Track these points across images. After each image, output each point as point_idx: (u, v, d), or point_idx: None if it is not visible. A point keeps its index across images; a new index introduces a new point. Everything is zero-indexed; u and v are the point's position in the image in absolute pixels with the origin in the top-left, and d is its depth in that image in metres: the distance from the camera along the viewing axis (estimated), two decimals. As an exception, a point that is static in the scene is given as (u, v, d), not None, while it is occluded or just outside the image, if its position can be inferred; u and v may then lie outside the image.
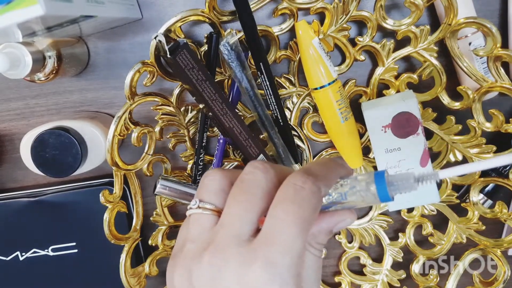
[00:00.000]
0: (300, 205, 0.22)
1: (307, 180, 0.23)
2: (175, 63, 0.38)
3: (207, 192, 0.25)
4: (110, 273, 0.50)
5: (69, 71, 0.44)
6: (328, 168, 0.25)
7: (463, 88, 0.42)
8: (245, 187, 0.24)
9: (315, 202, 0.23)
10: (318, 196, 0.23)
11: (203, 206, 0.24)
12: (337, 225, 0.26)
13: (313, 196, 0.23)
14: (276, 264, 0.21)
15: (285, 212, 0.22)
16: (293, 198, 0.22)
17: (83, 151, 0.42)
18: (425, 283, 0.48)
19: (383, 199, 0.24)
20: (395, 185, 0.24)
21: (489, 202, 0.46)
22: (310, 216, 0.22)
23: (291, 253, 0.22)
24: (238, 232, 0.23)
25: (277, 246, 0.22)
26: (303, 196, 0.22)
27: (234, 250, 0.22)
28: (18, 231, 0.51)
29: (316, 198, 0.23)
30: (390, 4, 0.44)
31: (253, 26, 0.40)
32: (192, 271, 0.23)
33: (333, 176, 0.25)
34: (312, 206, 0.23)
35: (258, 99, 0.43)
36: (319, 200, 0.23)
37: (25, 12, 0.27)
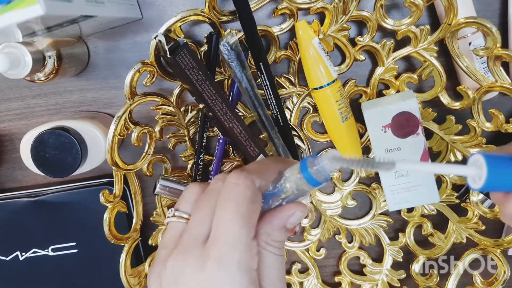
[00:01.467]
0: (236, 201, 0.24)
1: (239, 176, 0.24)
2: (175, 63, 0.38)
3: (183, 202, 0.27)
4: (110, 273, 0.50)
5: (69, 71, 0.44)
6: (263, 163, 0.27)
7: (463, 88, 0.42)
8: (206, 196, 0.26)
9: (250, 194, 0.24)
10: (252, 188, 0.24)
11: (178, 215, 0.27)
12: (289, 220, 0.26)
13: (247, 188, 0.24)
14: (225, 261, 0.23)
15: (224, 211, 0.24)
16: (228, 195, 0.24)
17: (83, 151, 0.42)
18: (425, 283, 0.48)
19: (313, 183, 0.25)
20: (317, 168, 0.24)
21: (489, 202, 0.46)
22: (248, 208, 0.24)
23: (237, 248, 0.23)
24: (195, 235, 0.24)
25: (223, 244, 0.23)
26: (237, 191, 0.24)
27: (192, 252, 0.24)
28: (18, 231, 0.51)
29: (250, 190, 0.24)
30: (390, 4, 0.44)
31: (253, 26, 0.40)
32: (161, 274, 0.25)
33: (268, 170, 0.26)
34: (247, 199, 0.24)
35: (258, 99, 0.43)
36: (254, 191, 0.24)
37: (25, 12, 0.27)
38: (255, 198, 0.24)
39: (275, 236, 0.26)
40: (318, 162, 0.24)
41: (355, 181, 0.48)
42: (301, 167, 0.25)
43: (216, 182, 0.26)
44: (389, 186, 0.44)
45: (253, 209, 0.24)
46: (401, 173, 0.43)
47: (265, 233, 0.26)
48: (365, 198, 0.50)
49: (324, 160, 0.24)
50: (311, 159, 0.25)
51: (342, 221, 0.49)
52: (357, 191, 0.49)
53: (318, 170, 0.24)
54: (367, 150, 0.47)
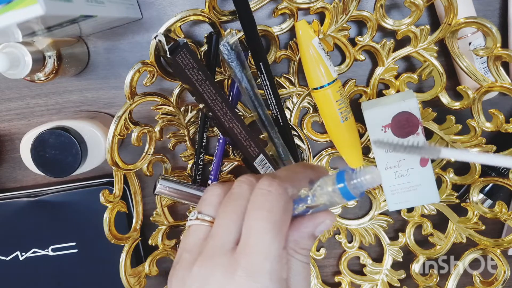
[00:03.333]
0: (268, 209, 0.23)
1: (272, 183, 0.24)
2: (175, 63, 0.38)
3: (206, 205, 0.27)
4: (110, 273, 0.50)
5: (69, 71, 0.44)
6: (293, 171, 0.26)
7: (463, 88, 0.42)
8: (232, 200, 0.25)
9: (283, 203, 0.23)
10: (285, 197, 0.24)
11: (201, 218, 0.26)
12: (317, 228, 0.26)
13: (280, 197, 0.23)
14: (256, 272, 0.22)
15: (256, 219, 0.23)
16: (261, 203, 0.23)
17: (83, 151, 0.42)
18: (425, 283, 0.48)
19: (347, 197, 0.24)
20: (355, 183, 0.24)
21: (489, 202, 0.46)
22: (281, 218, 0.23)
23: (269, 258, 0.22)
24: (223, 242, 0.24)
25: (254, 254, 0.22)
26: (270, 199, 0.23)
27: (219, 260, 0.23)
28: (18, 231, 0.51)
29: (283, 199, 0.24)
30: (390, 4, 0.44)
31: (253, 26, 0.40)
32: (185, 280, 0.24)
33: (299, 177, 0.26)
34: (281, 208, 0.23)
35: (258, 99, 0.43)
36: (287, 200, 0.24)
37: (25, 12, 0.27)
38: (288, 207, 0.24)
39: (304, 244, 0.26)
40: (356, 176, 0.24)
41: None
42: (337, 179, 0.24)
43: (240, 186, 0.25)
44: (389, 186, 0.44)
45: (285, 218, 0.24)
46: (401, 173, 0.43)
47: (294, 240, 0.25)
48: (365, 198, 0.50)
49: (363, 175, 0.23)
50: (349, 172, 0.24)
51: (342, 221, 0.49)
52: (357, 191, 0.49)
53: (355, 184, 0.24)
54: (367, 150, 0.47)
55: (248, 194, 0.25)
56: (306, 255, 0.26)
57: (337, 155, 0.47)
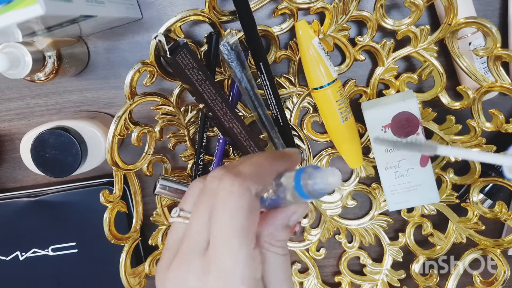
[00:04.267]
0: (232, 212, 0.22)
1: (234, 183, 0.23)
2: (175, 63, 0.38)
3: (187, 201, 0.26)
4: (110, 273, 0.50)
5: (69, 71, 0.44)
6: (259, 165, 0.25)
7: (463, 88, 0.42)
8: (204, 198, 0.24)
9: (247, 204, 0.23)
10: (248, 197, 0.23)
11: (182, 215, 0.26)
12: (290, 218, 0.26)
13: (243, 198, 0.23)
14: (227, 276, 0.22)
15: (221, 223, 0.23)
16: (224, 206, 0.23)
17: (83, 151, 0.42)
18: (425, 283, 0.48)
19: (304, 197, 0.23)
20: (311, 184, 0.23)
21: (489, 202, 0.46)
22: (246, 219, 0.23)
23: (239, 262, 0.22)
24: (194, 244, 0.24)
25: (224, 259, 0.22)
26: (232, 201, 0.23)
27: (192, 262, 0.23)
28: (18, 231, 0.51)
29: (247, 199, 0.23)
30: (390, 4, 0.44)
31: (253, 26, 0.40)
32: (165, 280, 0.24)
33: (264, 172, 0.25)
34: (244, 209, 0.22)
35: (258, 99, 0.43)
36: (251, 200, 0.23)
37: (25, 12, 0.27)
38: (253, 207, 0.23)
39: (279, 236, 0.25)
40: (312, 178, 0.23)
41: (355, 181, 0.48)
42: (295, 178, 0.24)
43: (212, 181, 0.24)
44: (389, 186, 0.44)
45: (251, 218, 0.23)
46: (401, 173, 0.43)
47: (268, 234, 0.25)
48: (365, 198, 0.50)
49: (319, 177, 0.23)
50: (308, 172, 0.23)
51: (342, 221, 0.49)
52: (357, 191, 0.49)
53: (311, 186, 0.23)
54: (367, 150, 0.47)
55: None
56: (282, 247, 0.25)
57: (337, 155, 0.47)
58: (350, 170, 0.49)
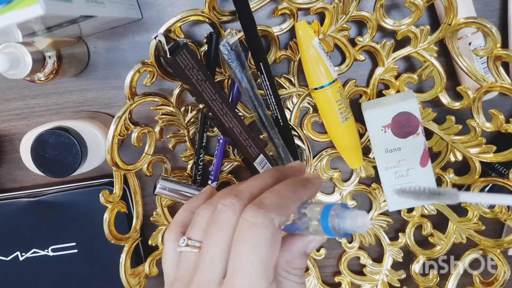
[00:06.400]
0: (254, 244, 0.22)
1: (257, 214, 0.22)
2: (175, 63, 0.38)
3: (196, 229, 0.26)
4: (110, 273, 0.50)
5: (69, 71, 0.44)
6: (282, 195, 0.24)
7: (463, 88, 0.42)
8: (217, 228, 0.24)
9: (270, 236, 0.22)
10: (271, 229, 0.22)
11: (191, 244, 0.25)
12: (308, 245, 0.25)
13: (266, 230, 0.22)
14: None
15: (241, 255, 0.22)
16: (246, 238, 0.22)
17: (83, 151, 0.42)
18: (425, 283, 0.48)
19: (329, 234, 0.23)
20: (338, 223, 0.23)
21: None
22: (267, 253, 0.22)
23: None
24: (209, 276, 0.23)
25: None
26: (255, 234, 0.22)
27: None
28: (18, 231, 0.51)
29: (270, 231, 0.22)
30: (390, 4, 0.44)
31: (253, 26, 0.40)
32: None
33: (289, 202, 0.24)
34: (267, 242, 0.22)
35: (258, 99, 0.43)
36: (274, 232, 0.22)
37: (25, 12, 0.27)
38: (275, 240, 0.22)
39: (296, 264, 0.25)
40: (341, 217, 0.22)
41: (355, 181, 0.48)
42: (322, 214, 0.23)
43: (224, 211, 0.24)
44: (389, 186, 0.44)
45: (273, 252, 0.22)
46: (401, 173, 0.43)
47: (285, 262, 0.25)
48: (365, 198, 0.50)
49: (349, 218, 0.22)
50: (337, 209, 0.23)
51: (342, 221, 0.49)
52: (357, 191, 0.49)
53: (338, 225, 0.23)
54: (367, 150, 0.47)
55: (233, 221, 0.24)
56: (299, 275, 0.25)
57: (337, 156, 0.47)
58: (350, 170, 0.49)
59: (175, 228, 0.27)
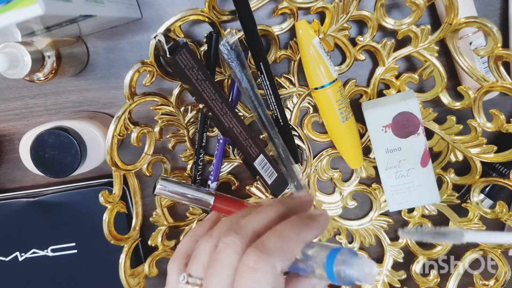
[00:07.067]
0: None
1: (259, 260, 0.22)
2: (174, 62, 0.38)
3: (196, 265, 0.25)
4: (109, 274, 0.50)
5: (68, 71, 0.44)
6: (285, 237, 0.23)
7: (463, 88, 0.42)
8: (219, 269, 0.23)
9: (271, 282, 0.22)
10: (274, 275, 0.22)
11: (191, 282, 0.25)
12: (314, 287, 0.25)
13: (268, 276, 0.22)
14: None
15: None
16: (247, 283, 0.22)
17: (83, 151, 0.42)
18: (425, 283, 0.48)
19: (332, 279, 0.22)
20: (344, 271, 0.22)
21: (489, 202, 0.46)
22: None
23: None
24: None
25: None
26: (257, 280, 0.22)
27: None
28: (17, 231, 0.51)
29: (272, 277, 0.22)
30: (391, 3, 0.44)
31: (253, 26, 0.40)
32: None
33: (293, 246, 0.23)
34: (270, 286, 0.22)
35: (258, 99, 0.43)
36: (276, 278, 0.22)
37: (24, 12, 0.27)
38: (277, 286, 0.22)
39: None
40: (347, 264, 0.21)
41: (356, 182, 0.48)
42: (327, 260, 0.22)
43: (225, 249, 0.23)
44: (389, 186, 0.44)
45: None
46: (402, 174, 0.43)
47: None
48: (366, 198, 0.50)
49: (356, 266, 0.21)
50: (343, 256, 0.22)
51: (342, 222, 0.49)
52: (358, 191, 0.49)
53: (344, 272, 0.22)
54: (367, 150, 0.47)
55: (234, 261, 0.23)
56: None
57: (337, 155, 0.47)
58: (351, 170, 0.49)
59: (178, 259, 0.27)
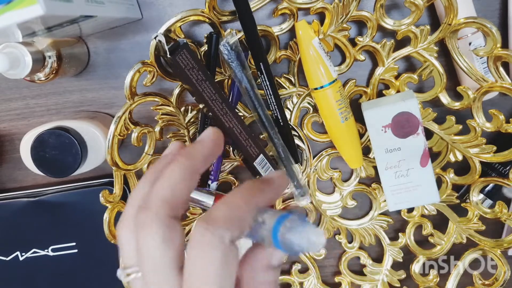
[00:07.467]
0: (203, 269, 0.20)
1: (205, 232, 0.20)
2: (175, 63, 0.38)
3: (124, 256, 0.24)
4: (110, 273, 0.50)
5: (69, 71, 0.44)
6: (234, 205, 0.22)
7: (463, 88, 0.42)
8: (143, 246, 0.22)
9: (219, 256, 0.20)
10: (221, 248, 0.20)
11: (129, 272, 0.24)
12: (272, 258, 0.23)
13: (215, 250, 0.20)
14: None
15: (192, 277, 0.21)
16: (195, 261, 0.21)
17: (83, 151, 0.42)
18: (425, 283, 0.48)
19: (278, 247, 0.21)
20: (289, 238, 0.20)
21: (489, 202, 0.46)
22: (220, 275, 0.20)
23: None
24: None
25: None
26: (204, 255, 0.20)
27: None
28: (18, 231, 0.51)
29: (220, 251, 0.20)
30: (390, 4, 0.44)
31: (253, 26, 0.40)
32: None
33: (242, 212, 0.22)
34: (217, 263, 0.20)
35: (258, 99, 0.43)
36: (225, 251, 0.20)
37: (25, 12, 0.27)
38: (227, 259, 0.20)
39: (262, 278, 0.23)
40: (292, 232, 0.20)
41: (355, 181, 0.48)
42: (274, 225, 0.21)
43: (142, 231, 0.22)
44: (389, 186, 0.44)
45: (226, 272, 0.20)
46: (401, 173, 0.43)
47: (250, 277, 0.23)
48: (365, 198, 0.50)
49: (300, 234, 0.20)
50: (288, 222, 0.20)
51: (342, 221, 0.49)
52: (357, 191, 0.49)
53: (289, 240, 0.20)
54: (367, 150, 0.47)
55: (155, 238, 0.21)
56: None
57: (337, 155, 0.47)
58: (350, 170, 0.49)
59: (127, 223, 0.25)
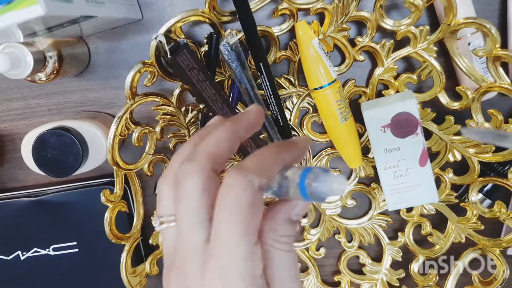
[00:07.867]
0: (231, 207, 0.22)
1: (236, 177, 0.22)
2: (175, 63, 0.38)
3: (161, 206, 0.26)
4: (110, 273, 0.50)
5: (70, 71, 0.45)
6: (264, 157, 0.24)
7: (462, 88, 0.42)
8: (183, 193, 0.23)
9: (248, 198, 0.22)
10: (250, 191, 0.22)
11: (165, 221, 0.25)
12: (293, 211, 0.25)
13: (244, 192, 0.22)
14: (226, 273, 0.22)
15: (221, 218, 0.22)
16: (225, 200, 0.22)
17: (84, 151, 0.42)
18: (424, 282, 0.48)
19: (306, 198, 0.23)
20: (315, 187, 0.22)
21: (488, 202, 0.46)
22: (247, 215, 0.22)
23: (237, 259, 0.22)
24: (191, 244, 0.23)
25: (223, 256, 0.22)
26: (233, 196, 0.22)
27: (190, 263, 0.23)
28: (19, 230, 0.51)
29: (248, 193, 0.22)
30: (390, 4, 0.44)
31: (253, 27, 0.40)
32: (168, 280, 0.24)
33: (270, 163, 0.24)
34: (245, 204, 0.22)
35: (258, 99, 0.43)
36: (253, 194, 0.22)
37: (26, 12, 0.27)
38: (255, 201, 0.22)
39: (282, 231, 0.24)
40: (317, 180, 0.22)
41: (355, 181, 0.48)
42: (301, 176, 0.23)
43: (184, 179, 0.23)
44: (388, 186, 0.44)
45: (253, 213, 0.22)
46: (400, 173, 0.44)
47: (271, 230, 0.24)
48: (365, 197, 0.50)
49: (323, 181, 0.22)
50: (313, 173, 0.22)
51: (341, 221, 0.50)
52: (357, 190, 0.49)
53: (315, 188, 0.22)
54: (366, 150, 0.47)
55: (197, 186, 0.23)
56: (287, 243, 0.24)
57: (336, 155, 0.48)
58: (350, 170, 0.49)
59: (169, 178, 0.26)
